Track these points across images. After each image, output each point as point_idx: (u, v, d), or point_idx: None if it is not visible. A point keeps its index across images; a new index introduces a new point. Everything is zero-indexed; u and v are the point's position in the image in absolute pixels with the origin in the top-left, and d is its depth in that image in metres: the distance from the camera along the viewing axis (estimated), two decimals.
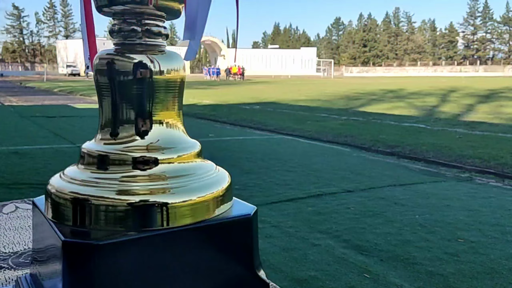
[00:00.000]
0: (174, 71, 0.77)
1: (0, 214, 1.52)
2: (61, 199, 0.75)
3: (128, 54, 0.75)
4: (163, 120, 0.76)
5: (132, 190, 0.71)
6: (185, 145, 0.78)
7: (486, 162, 4.25)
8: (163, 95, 0.76)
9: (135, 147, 0.74)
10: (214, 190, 0.77)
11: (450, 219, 2.49)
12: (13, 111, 8.52)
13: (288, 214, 2.54)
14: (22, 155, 3.96)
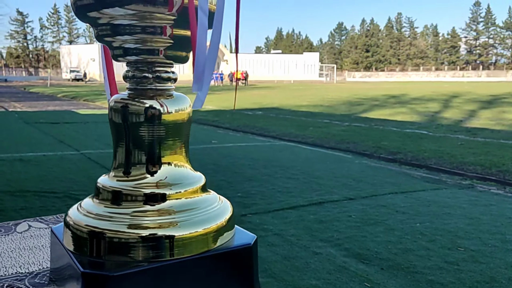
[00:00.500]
0: (182, 112, 0.85)
1: (15, 233, 1.56)
2: (78, 231, 0.83)
3: (140, 99, 0.83)
4: (171, 158, 0.84)
5: (142, 224, 0.80)
6: (191, 180, 0.86)
7: (488, 169, 4.27)
8: (172, 135, 0.84)
9: (146, 184, 0.85)
10: (217, 222, 0.87)
11: (451, 227, 2.51)
12: (17, 117, 8.59)
13: (290, 222, 2.56)
14: (26, 162, 4.00)
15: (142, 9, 0.78)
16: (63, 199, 2.87)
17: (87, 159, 4.31)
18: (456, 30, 77.35)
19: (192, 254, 0.79)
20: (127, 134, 0.84)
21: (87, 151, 4.73)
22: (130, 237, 0.79)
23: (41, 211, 2.56)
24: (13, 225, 1.65)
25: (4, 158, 4.14)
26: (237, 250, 0.84)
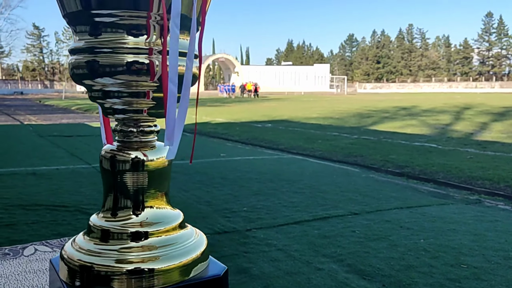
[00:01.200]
0: (163, 160, 0.99)
1: (22, 256, 1.68)
2: (71, 264, 0.98)
3: (127, 150, 0.98)
4: (153, 202, 0.98)
5: (128, 259, 0.94)
6: (171, 219, 1.01)
7: (496, 184, 4.24)
8: (154, 181, 0.99)
9: (131, 224, 0.99)
10: (193, 255, 1.01)
11: (455, 243, 2.51)
12: (31, 130, 8.80)
13: (294, 237, 2.59)
14: (39, 176, 4.11)
15: (129, 79, 0.98)
16: (73, 213, 2.95)
17: (97, 173, 4.40)
18: (468, 41, 76.87)
19: (170, 284, 0.94)
20: (115, 180, 1.03)
21: (98, 164, 4.84)
22: (117, 271, 0.94)
23: (52, 225, 2.64)
24: (20, 249, 1.82)
25: (18, 172, 4.26)
26: (209, 280, 1.00)
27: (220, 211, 3.09)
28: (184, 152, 6.79)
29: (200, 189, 3.79)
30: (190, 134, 9.38)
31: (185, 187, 3.84)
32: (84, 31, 0.99)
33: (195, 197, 3.47)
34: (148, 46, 0.96)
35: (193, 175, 4.40)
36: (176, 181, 4.07)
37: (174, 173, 4.44)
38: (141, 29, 0.95)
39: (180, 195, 3.53)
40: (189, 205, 3.23)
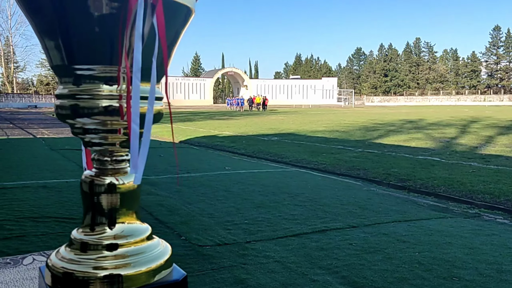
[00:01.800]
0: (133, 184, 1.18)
1: (21, 265, 1.94)
2: (55, 271, 1.19)
3: (102, 176, 1.17)
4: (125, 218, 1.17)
5: (103, 266, 1.15)
6: (139, 232, 1.22)
7: (496, 198, 4.28)
8: (125, 201, 1.19)
9: (106, 237, 1.21)
10: (158, 262, 1.23)
11: (449, 257, 2.57)
12: (44, 143, 9.01)
13: (292, 249, 2.67)
14: (49, 189, 4.25)
15: (104, 119, 1.21)
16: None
17: None
18: (476, 54, 76.70)
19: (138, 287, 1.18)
20: (93, 201, 1.23)
21: None
22: (93, 276, 1.16)
23: (60, 236, 2.76)
24: (20, 258, 2.06)
25: (30, 185, 4.41)
26: (170, 284, 1.22)
27: (222, 223, 3.18)
28: (191, 165, 6.88)
29: (204, 201, 3.89)
30: (199, 147, 9.54)
31: (189, 200, 3.95)
32: (68, 81, 1.21)
33: (198, 210, 3.57)
34: (119, 93, 1.19)
35: (198, 188, 4.51)
36: (181, 194, 4.18)
37: (180, 186, 4.58)
38: (113, 80, 1.18)
39: (184, 207, 3.63)
40: (192, 217, 3.33)
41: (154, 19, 1.09)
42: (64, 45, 1.13)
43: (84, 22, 1.07)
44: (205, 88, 69.51)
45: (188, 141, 11.02)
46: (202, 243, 2.68)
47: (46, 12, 1.11)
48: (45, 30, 1.16)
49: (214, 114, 29.63)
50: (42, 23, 1.14)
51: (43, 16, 1.13)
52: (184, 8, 1.22)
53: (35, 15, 1.15)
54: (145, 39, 1.10)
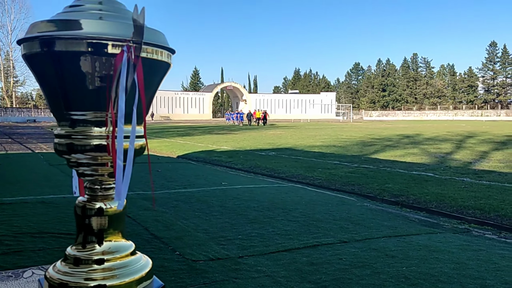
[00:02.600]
0: (119, 208, 1.37)
1: (21, 278, 2.17)
2: (52, 282, 1.40)
3: (93, 202, 1.37)
4: (112, 237, 1.36)
5: (92, 277, 1.36)
6: (124, 248, 1.49)
7: (486, 214, 4.36)
8: (112, 222, 1.42)
9: (95, 253, 1.41)
10: (140, 274, 1.43)
11: (435, 271, 2.65)
12: (42, 159, 9.09)
13: (283, 264, 2.75)
14: (47, 204, 4.32)
15: (94, 155, 1.44)
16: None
17: None
18: (473, 70, 77.47)
19: None
20: (84, 222, 1.48)
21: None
22: (85, 286, 1.37)
23: (57, 251, 2.82)
24: (21, 272, 2.28)
25: (28, 201, 4.48)
26: None
27: (216, 238, 3.26)
28: (188, 180, 6.96)
29: (199, 217, 3.96)
30: (197, 162, 9.63)
31: (185, 215, 4.03)
32: (65, 124, 1.45)
33: (193, 225, 3.64)
34: (106, 134, 1.42)
35: (194, 204, 4.59)
36: (177, 210, 4.26)
37: (176, 202, 4.67)
38: (102, 123, 1.42)
39: (180, 223, 3.71)
40: (187, 232, 3.40)
41: (135, 76, 1.31)
42: (62, 96, 1.36)
43: (79, 79, 1.29)
44: (204, 103, 69.91)
45: (186, 156, 11.10)
46: (196, 258, 2.76)
47: (48, 73, 1.35)
48: (47, 85, 1.39)
49: (212, 128, 29.78)
50: (45, 80, 1.38)
51: (45, 76, 1.37)
52: (163, 64, 1.45)
53: (39, 74, 1.39)
54: (128, 91, 1.31)
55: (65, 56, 1.27)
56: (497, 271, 2.69)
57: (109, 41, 1.27)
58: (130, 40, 1.29)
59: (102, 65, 1.29)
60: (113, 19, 1.31)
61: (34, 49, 1.34)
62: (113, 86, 1.32)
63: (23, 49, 1.40)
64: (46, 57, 1.30)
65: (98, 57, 1.28)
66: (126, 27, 1.29)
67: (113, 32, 1.27)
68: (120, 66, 1.28)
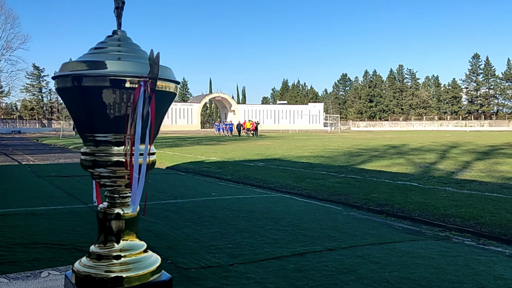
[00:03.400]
0: (134, 213, 1.54)
1: (39, 277, 2.46)
2: (79, 274, 1.69)
3: (113, 207, 1.65)
4: (127, 237, 1.61)
5: (112, 270, 1.63)
6: (138, 247, 1.74)
7: (466, 221, 4.54)
8: (128, 225, 1.66)
9: (114, 250, 1.69)
10: (151, 268, 1.72)
11: (416, 276, 2.79)
12: (30, 170, 9.06)
13: (272, 271, 2.86)
14: (38, 216, 4.37)
15: (114, 169, 1.72)
16: (70, 250, 3.20)
17: (93, 212, 4.67)
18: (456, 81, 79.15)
19: (137, 284, 1.67)
20: (105, 225, 1.75)
21: (94, 204, 5.10)
22: (105, 277, 1.65)
23: (51, 261, 2.89)
24: (38, 273, 2.57)
25: (19, 212, 4.52)
26: (159, 283, 1.73)
27: (207, 247, 3.36)
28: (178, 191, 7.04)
29: (190, 227, 4.06)
30: (186, 173, 9.69)
31: (176, 225, 4.11)
32: (90, 144, 1.73)
33: (184, 235, 3.74)
34: (124, 152, 1.69)
35: (185, 214, 4.68)
36: (168, 220, 4.34)
37: (167, 212, 4.75)
38: (120, 143, 1.69)
39: (171, 232, 3.79)
40: (179, 242, 3.49)
41: (150, 106, 1.57)
42: (88, 121, 1.64)
43: (103, 108, 1.56)
44: (192, 113, 69.91)
45: (175, 167, 11.16)
46: (188, 266, 2.85)
47: (77, 103, 1.65)
48: (76, 112, 1.69)
49: (201, 139, 29.81)
50: (74, 108, 1.66)
51: (75, 105, 1.67)
52: (171, 94, 1.74)
53: (69, 104, 1.71)
54: (144, 117, 1.57)
55: (92, 89, 1.55)
56: (474, 275, 2.85)
57: (127, 77, 1.55)
58: (147, 77, 1.55)
59: (122, 96, 1.56)
60: (130, 59, 1.58)
61: (66, 84, 1.62)
62: (131, 113, 1.58)
63: (57, 83, 1.68)
64: (76, 91, 1.58)
65: (119, 90, 1.56)
66: (141, 65, 1.57)
67: (130, 70, 1.55)
68: (138, 98, 1.54)
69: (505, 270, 3.02)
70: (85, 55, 1.64)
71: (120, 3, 1.69)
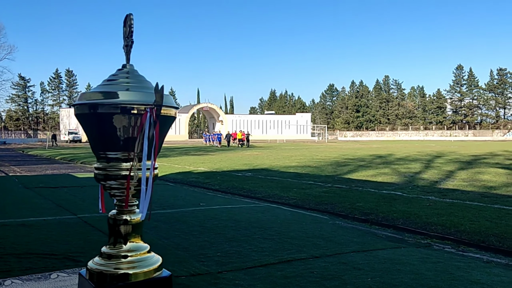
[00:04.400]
0: (138, 219, 1.72)
1: (50, 279, 2.70)
2: (92, 271, 1.94)
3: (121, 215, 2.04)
4: (134, 239, 1.78)
5: (120, 267, 1.90)
6: (142, 248, 1.98)
7: (447, 229, 4.71)
8: (134, 229, 1.89)
9: (122, 251, 1.94)
10: (153, 266, 1.98)
11: (396, 281, 2.92)
12: (17, 182, 9.01)
13: (259, 278, 2.96)
14: (29, 227, 4.40)
15: (123, 181, 1.99)
16: (62, 260, 3.26)
17: (83, 223, 4.72)
18: (441, 92, 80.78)
19: (142, 279, 1.93)
20: (114, 230, 2.00)
21: (83, 215, 5.14)
22: (115, 273, 1.90)
23: (44, 271, 2.95)
24: (48, 274, 2.82)
25: (8, 223, 4.54)
26: (161, 279, 2.00)
27: (196, 256, 3.45)
28: (167, 201, 7.10)
29: (179, 236, 4.14)
30: (174, 184, 9.74)
31: (166, 235, 4.19)
32: (102, 160, 1.99)
33: (174, 244, 3.82)
34: (133, 167, 1.94)
35: (174, 224, 4.75)
36: (157, 230, 4.41)
37: (156, 222, 4.83)
38: (129, 160, 1.96)
39: (161, 242, 3.87)
40: (168, 251, 3.57)
41: (155, 130, 1.83)
42: (102, 141, 1.90)
43: (114, 131, 1.82)
44: (180, 123, 69.79)
45: (164, 177, 11.19)
46: (178, 274, 2.94)
47: (93, 126, 1.93)
48: (91, 134, 1.96)
49: (189, 149, 29.79)
50: (90, 131, 1.92)
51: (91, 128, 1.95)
52: (172, 118, 2.03)
53: (86, 127, 1.97)
54: (149, 139, 1.83)
55: (105, 115, 1.85)
56: (451, 280, 3.00)
57: (135, 105, 1.84)
58: (153, 104, 1.83)
59: (130, 121, 1.86)
60: (137, 90, 1.88)
61: (84, 111, 1.91)
62: (139, 136, 1.86)
63: (76, 110, 1.96)
64: (92, 116, 1.89)
65: (128, 116, 1.85)
66: (146, 94, 1.86)
67: (137, 99, 1.85)
68: (145, 123, 1.83)
69: (482, 275, 3.18)
70: (99, 86, 1.92)
71: (130, 42, 1.92)
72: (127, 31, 1.92)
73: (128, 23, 1.90)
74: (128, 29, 1.92)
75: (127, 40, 1.94)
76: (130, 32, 1.92)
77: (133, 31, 1.91)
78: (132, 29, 1.90)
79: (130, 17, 1.90)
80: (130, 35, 1.93)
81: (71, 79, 76.01)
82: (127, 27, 1.91)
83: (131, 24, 1.89)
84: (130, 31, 1.92)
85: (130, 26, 1.90)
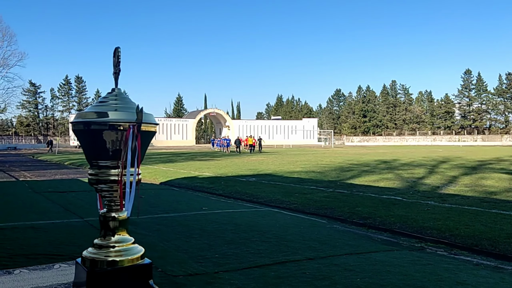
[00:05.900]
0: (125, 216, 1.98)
1: (53, 269, 3.09)
2: (86, 258, 2.28)
3: (110, 213, 2.36)
4: (121, 232, 2.14)
5: (109, 255, 2.27)
6: (128, 240, 2.31)
7: (442, 233, 4.82)
8: (121, 224, 2.24)
9: (111, 242, 2.31)
10: (136, 255, 2.33)
11: (385, 282, 3.05)
12: (27, 186, 9.27)
13: (254, 278, 3.11)
14: (37, 229, 4.60)
15: (112, 184, 2.29)
16: (68, 260, 3.44)
17: (89, 226, 4.91)
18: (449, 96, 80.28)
19: (127, 265, 2.26)
20: (104, 224, 2.33)
21: (90, 218, 5.33)
22: (104, 259, 2.23)
23: None
24: (51, 265, 3.22)
25: (18, 226, 4.75)
26: (142, 265, 2.33)
27: (195, 257, 3.61)
28: (170, 206, 7.28)
29: (180, 239, 4.31)
30: (179, 188, 9.93)
31: (167, 237, 4.36)
32: (94, 167, 2.29)
33: (174, 246, 3.98)
34: (119, 173, 2.25)
35: (176, 227, 4.92)
36: (159, 233, 4.58)
37: (158, 226, 5.01)
38: (116, 167, 2.26)
39: (162, 244, 4.04)
40: (169, 253, 3.74)
41: (137, 142, 2.16)
42: (94, 152, 2.24)
43: (104, 143, 2.15)
44: (187, 129, 70.24)
45: (169, 182, 11.39)
46: (176, 274, 3.10)
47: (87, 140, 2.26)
48: (85, 146, 2.29)
49: (195, 155, 30.02)
50: (84, 143, 2.31)
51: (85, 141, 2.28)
52: (152, 132, 2.33)
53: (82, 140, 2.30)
54: (132, 149, 2.16)
55: (97, 131, 2.19)
56: (438, 281, 3.12)
57: (121, 122, 2.19)
58: (135, 122, 2.18)
59: (117, 135, 2.21)
60: (123, 110, 2.24)
61: (80, 127, 2.24)
62: (124, 147, 2.18)
63: (73, 126, 2.28)
64: (86, 132, 2.25)
65: (115, 131, 2.19)
66: (131, 114, 2.21)
67: (123, 117, 2.19)
68: (129, 137, 2.16)
69: (469, 277, 3.30)
70: (92, 106, 2.32)
71: (118, 70, 2.28)
72: (115, 61, 2.26)
73: (116, 54, 2.25)
74: (117, 59, 2.25)
75: (115, 68, 2.27)
76: (118, 62, 2.26)
77: (120, 61, 2.27)
78: (119, 59, 2.27)
79: (118, 49, 2.26)
80: (118, 64, 2.26)
81: (80, 85, 77.00)
82: (116, 57, 2.25)
83: (119, 55, 2.25)
84: (118, 61, 2.26)
85: (118, 57, 2.25)
